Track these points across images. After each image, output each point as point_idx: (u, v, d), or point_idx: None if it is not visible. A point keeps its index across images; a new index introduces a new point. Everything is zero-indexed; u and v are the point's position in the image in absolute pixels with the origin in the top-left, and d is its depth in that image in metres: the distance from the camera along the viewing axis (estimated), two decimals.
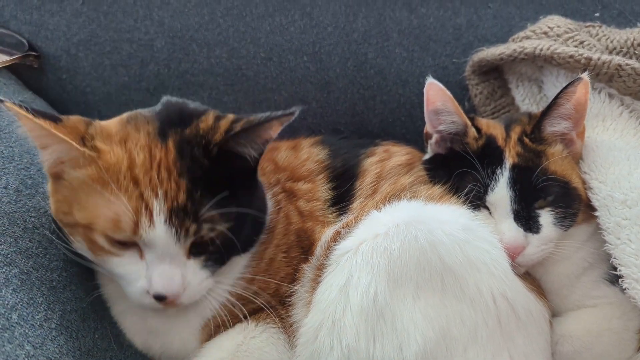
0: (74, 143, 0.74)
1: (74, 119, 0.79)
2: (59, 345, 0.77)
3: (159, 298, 0.77)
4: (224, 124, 0.80)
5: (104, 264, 0.79)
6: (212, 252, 0.80)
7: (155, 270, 0.76)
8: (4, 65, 1.21)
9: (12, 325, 0.72)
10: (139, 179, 0.74)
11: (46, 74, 1.30)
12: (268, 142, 0.82)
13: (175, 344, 0.89)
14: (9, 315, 0.73)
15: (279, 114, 0.78)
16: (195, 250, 0.79)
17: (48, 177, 0.81)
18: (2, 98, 0.73)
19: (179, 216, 0.74)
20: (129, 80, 1.29)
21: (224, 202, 0.77)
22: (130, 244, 0.76)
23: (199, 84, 1.29)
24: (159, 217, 0.74)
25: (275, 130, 0.80)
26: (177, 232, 0.75)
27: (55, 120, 0.75)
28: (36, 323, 0.75)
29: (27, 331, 0.73)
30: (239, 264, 0.88)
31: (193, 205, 0.75)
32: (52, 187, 0.81)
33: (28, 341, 0.73)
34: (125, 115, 0.83)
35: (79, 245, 0.80)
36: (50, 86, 1.30)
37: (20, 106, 0.72)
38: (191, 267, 0.79)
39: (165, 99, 0.90)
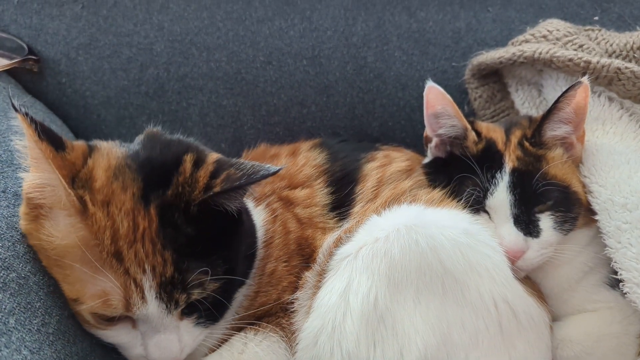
0: (64, 183, 0.69)
1: (77, 150, 0.74)
2: (56, 350, 0.76)
3: None
4: (202, 176, 0.74)
5: (98, 334, 0.79)
6: (202, 310, 0.77)
7: (151, 340, 0.75)
8: (4, 69, 1.21)
9: (9, 330, 0.71)
10: (123, 252, 0.70)
11: (46, 78, 1.29)
12: (252, 195, 0.79)
13: None
14: (6, 320, 0.72)
15: (259, 175, 0.72)
16: (187, 310, 0.77)
17: (24, 200, 0.76)
18: (19, 106, 0.68)
19: (167, 290, 0.71)
20: (129, 84, 1.29)
21: (210, 261, 0.74)
22: (120, 318, 0.75)
23: (198, 88, 1.29)
24: (150, 294, 0.71)
25: (257, 187, 0.77)
26: (167, 306, 0.72)
27: (57, 147, 0.71)
28: (33, 328, 0.75)
29: (24, 336, 0.73)
30: (236, 300, 0.87)
31: (180, 276, 0.71)
32: (27, 228, 0.76)
33: (25, 346, 0.72)
34: (112, 163, 0.75)
35: None
36: (50, 90, 1.30)
37: (30, 123, 0.68)
38: (185, 328, 0.77)
39: (147, 132, 0.84)
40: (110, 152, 0.77)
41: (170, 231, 0.71)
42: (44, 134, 0.69)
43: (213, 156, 0.79)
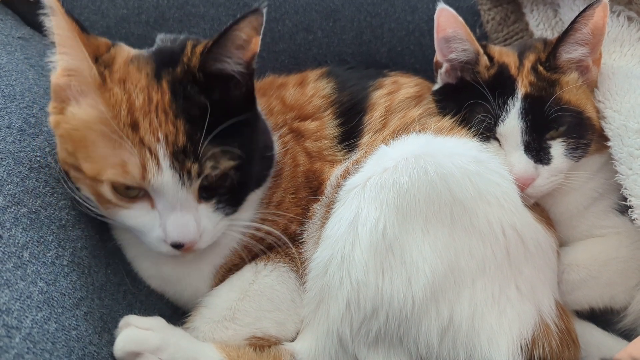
0: (88, 57, 0.75)
1: (101, 40, 0.80)
2: (71, 281, 0.78)
3: (177, 246, 0.77)
4: (199, 48, 0.78)
5: (114, 217, 0.80)
6: (222, 194, 0.79)
7: (169, 218, 0.76)
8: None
9: (24, 264, 0.73)
10: (139, 122, 0.74)
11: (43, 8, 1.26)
12: (251, 55, 0.80)
13: (187, 291, 0.91)
14: (20, 254, 0.73)
15: (244, 14, 0.76)
16: (205, 194, 0.78)
17: (52, 96, 0.81)
18: None
19: (179, 159, 0.74)
20: (128, 12, 1.25)
21: (224, 139, 0.76)
22: (139, 195, 0.77)
23: (200, 15, 1.25)
24: (165, 162, 0.74)
25: (246, 32, 0.77)
26: (180, 176, 0.74)
27: (83, 29, 0.76)
28: (48, 260, 0.77)
29: (39, 268, 0.75)
30: (252, 202, 0.88)
31: (192, 145, 0.74)
32: (56, 119, 0.80)
33: (41, 278, 0.74)
34: (132, 54, 0.81)
35: (87, 194, 0.81)
36: None
37: (61, 5, 0.74)
38: (204, 212, 0.79)
39: (159, 37, 0.88)
40: (130, 49, 0.84)
41: (182, 102, 0.76)
42: (72, 16, 0.75)
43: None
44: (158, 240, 0.78)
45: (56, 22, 0.75)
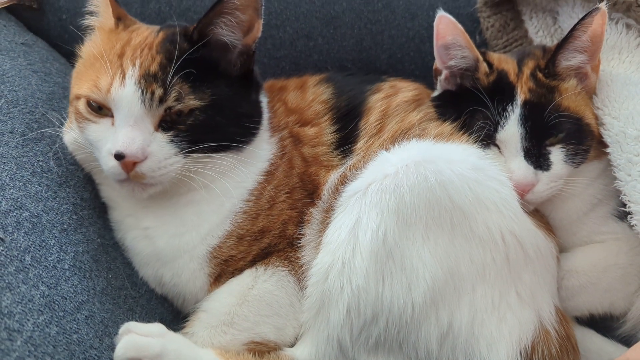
0: (111, 13, 0.91)
1: (130, 17, 0.96)
2: (73, 285, 0.78)
3: (119, 157, 0.81)
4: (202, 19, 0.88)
5: (85, 132, 0.86)
6: (181, 130, 0.84)
7: (121, 132, 0.81)
8: (4, 6, 1.19)
9: (25, 267, 0.73)
10: (126, 52, 0.86)
11: (46, 15, 1.27)
12: (247, 29, 0.88)
13: (184, 274, 0.90)
14: (22, 257, 0.74)
15: None
16: (165, 125, 0.84)
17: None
18: None
19: (147, 80, 0.82)
20: None
21: (199, 82, 0.84)
22: (105, 111, 0.84)
23: None
24: (130, 80, 0.82)
25: (240, 0, 0.84)
26: (143, 92, 0.81)
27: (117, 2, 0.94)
28: (49, 264, 0.77)
29: (40, 272, 0.75)
30: (234, 179, 0.89)
31: (163, 74, 0.83)
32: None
33: (42, 282, 0.74)
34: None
35: (74, 133, 0.89)
36: (52, 27, 1.27)
37: None
38: (158, 139, 0.83)
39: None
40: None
41: (169, 45, 0.86)
42: None
43: None
44: (108, 153, 0.82)
45: None
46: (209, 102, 0.85)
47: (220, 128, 0.87)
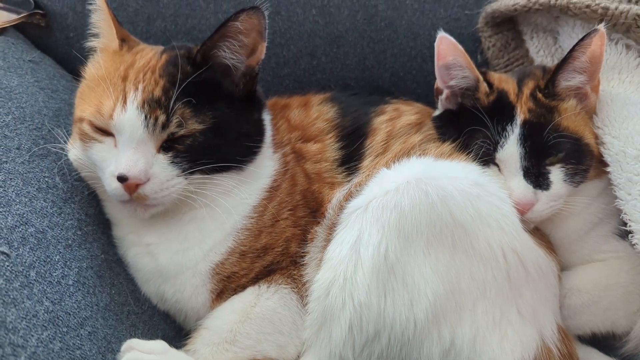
0: (115, 34, 0.93)
1: (133, 37, 0.98)
2: (76, 300, 0.79)
3: (122, 179, 0.81)
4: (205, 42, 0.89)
5: (89, 152, 0.87)
6: (180, 151, 0.85)
7: (123, 154, 0.82)
8: (12, 24, 1.20)
9: (30, 283, 0.74)
10: (129, 75, 0.87)
11: (54, 32, 1.28)
12: (251, 51, 0.88)
13: (187, 290, 0.90)
14: (27, 273, 0.74)
15: (242, 8, 0.85)
16: (165, 145, 0.85)
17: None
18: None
19: (151, 105, 0.83)
20: (136, 37, 1.27)
21: (201, 105, 0.85)
22: (109, 132, 0.85)
23: None
24: (132, 105, 0.83)
25: (244, 24, 0.85)
26: (146, 117, 0.82)
27: (118, 22, 0.95)
28: (54, 280, 0.78)
29: (45, 288, 0.75)
30: (235, 199, 0.89)
31: (166, 100, 0.84)
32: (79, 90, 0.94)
33: (47, 297, 0.75)
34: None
35: (77, 151, 0.89)
36: (59, 44, 1.29)
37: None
38: (160, 161, 0.84)
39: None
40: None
41: (172, 68, 0.87)
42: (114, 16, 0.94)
43: None
44: (110, 175, 0.83)
45: (99, 15, 0.94)
46: (210, 125, 0.85)
47: (219, 149, 0.88)
